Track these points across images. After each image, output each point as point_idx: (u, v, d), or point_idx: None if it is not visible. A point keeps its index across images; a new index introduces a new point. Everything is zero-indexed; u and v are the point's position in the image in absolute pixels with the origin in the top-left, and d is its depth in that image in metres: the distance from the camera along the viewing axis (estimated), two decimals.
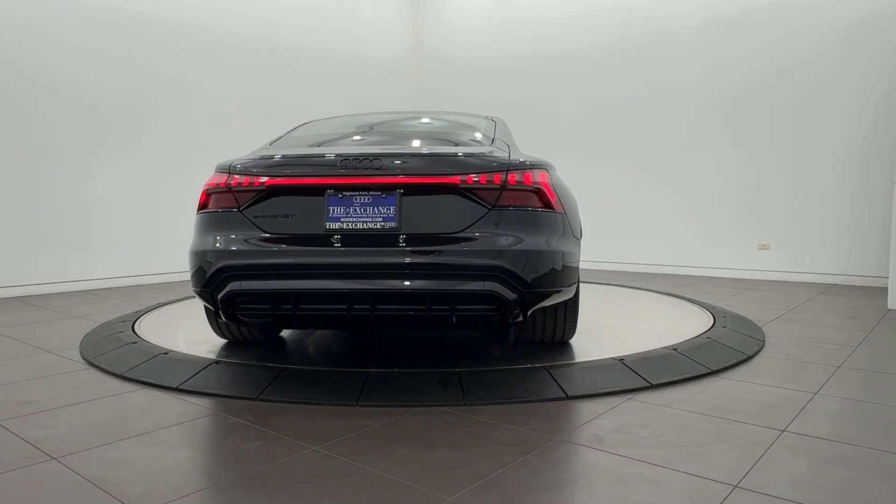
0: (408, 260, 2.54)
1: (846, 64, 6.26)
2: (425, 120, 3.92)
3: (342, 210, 2.61)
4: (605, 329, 3.75)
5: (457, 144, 3.06)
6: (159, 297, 5.22)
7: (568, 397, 2.59)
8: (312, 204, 2.65)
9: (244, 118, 7.01)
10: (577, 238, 2.99)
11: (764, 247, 6.78)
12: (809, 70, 6.45)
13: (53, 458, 2.00)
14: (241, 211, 2.72)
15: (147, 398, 2.64)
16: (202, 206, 2.87)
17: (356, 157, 2.65)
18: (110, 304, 5.04)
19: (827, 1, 6.34)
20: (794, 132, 6.57)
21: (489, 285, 2.52)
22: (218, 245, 2.70)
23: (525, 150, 4.71)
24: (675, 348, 3.17)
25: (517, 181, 2.64)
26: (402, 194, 2.61)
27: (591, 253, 7.81)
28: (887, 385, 2.83)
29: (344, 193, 2.63)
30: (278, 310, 2.65)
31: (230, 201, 2.76)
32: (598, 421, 2.33)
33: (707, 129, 7.11)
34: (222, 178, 2.81)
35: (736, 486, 1.79)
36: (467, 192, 2.61)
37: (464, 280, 2.53)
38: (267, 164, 2.78)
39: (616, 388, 2.67)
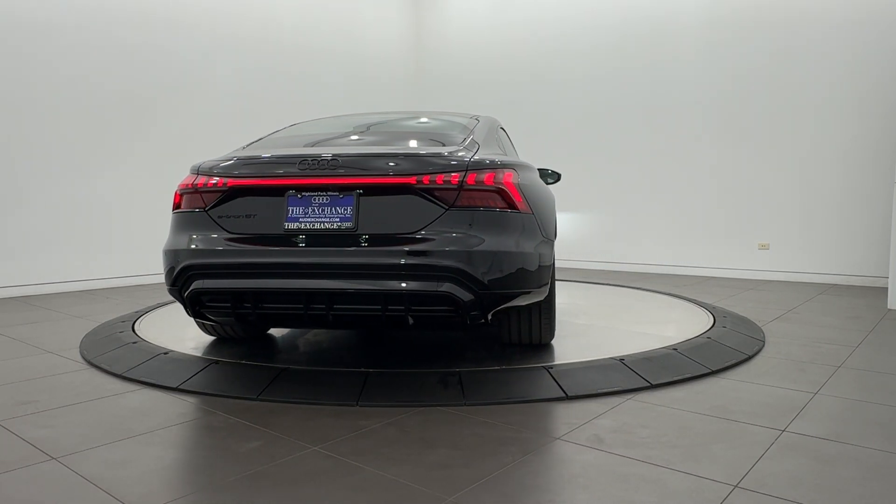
0: (362, 260, 2.54)
1: (846, 64, 6.26)
2: (407, 120, 3.85)
3: (301, 210, 2.64)
4: (605, 329, 3.75)
5: (426, 145, 3.00)
6: (159, 297, 5.22)
7: (568, 397, 2.59)
8: (273, 204, 2.69)
9: (244, 118, 7.02)
10: (549, 239, 2.94)
11: (764, 247, 6.78)
12: (809, 70, 6.46)
13: (53, 458, 2.00)
14: (206, 211, 2.78)
15: (147, 398, 2.64)
16: (176, 206, 2.93)
17: (315, 158, 2.66)
18: (110, 304, 5.04)
19: (827, 1, 6.34)
20: (794, 132, 6.57)
21: (444, 286, 2.50)
22: (185, 244, 2.77)
23: (523, 150, 4.71)
24: (675, 348, 3.17)
25: (476, 181, 2.60)
26: (361, 195, 2.62)
27: (591, 253, 7.81)
28: (887, 385, 2.83)
29: (303, 194, 2.66)
30: (240, 308, 2.70)
31: (198, 202, 2.82)
32: (598, 421, 2.33)
33: (707, 129, 7.11)
34: (192, 179, 2.88)
35: (736, 486, 1.79)
36: (424, 193, 2.58)
37: (418, 281, 2.51)
38: (231, 166, 2.82)
39: (616, 388, 2.67)
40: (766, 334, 3.84)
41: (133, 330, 3.71)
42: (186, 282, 2.75)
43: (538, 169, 4.63)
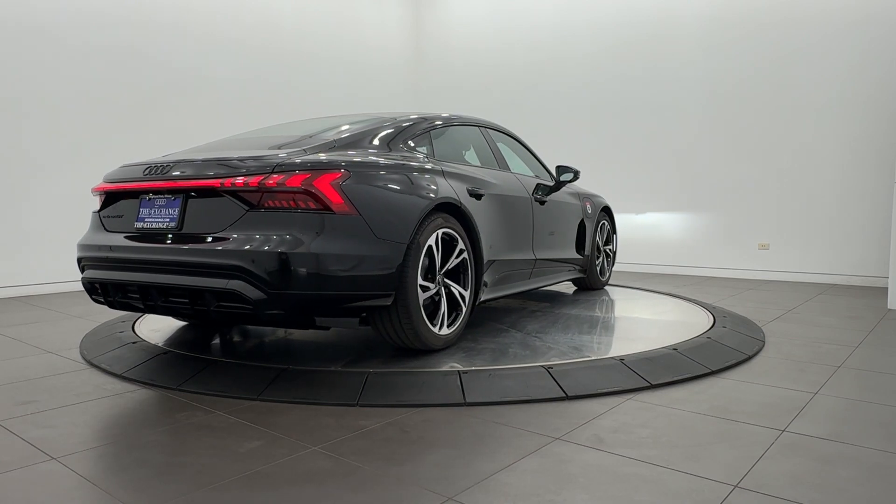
0: (174, 258, 2.74)
1: (846, 64, 6.27)
2: (318, 125, 3.65)
3: (147, 212, 2.95)
4: (605, 329, 3.75)
5: (284, 148, 3.01)
6: None
7: (568, 397, 2.59)
8: (131, 206, 3.04)
9: (243, 120, 7.02)
10: (394, 242, 2.82)
11: (764, 247, 6.78)
12: (810, 71, 6.46)
13: (53, 458, 2.00)
14: (98, 213, 3.22)
15: (147, 398, 2.64)
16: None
17: (155, 165, 2.98)
18: None
19: (827, 2, 6.34)
20: (794, 132, 6.58)
21: (232, 284, 2.58)
22: (82, 240, 3.22)
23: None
24: (675, 348, 3.17)
25: (279, 183, 2.63)
26: (191, 197, 2.82)
27: None
28: (887, 385, 2.84)
29: (150, 197, 2.96)
30: (108, 296, 3.06)
31: (97, 204, 3.28)
32: (598, 421, 2.33)
33: (707, 130, 7.12)
34: (97, 185, 3.30)
35: (736, 486, 1.79)
36: (229, 195, 2.70)
37: (213, 278, 2.63)
38: (113, 173, 3.21)
39: (616, 388, 2.67)
40: (766, 334, 3.84)
41: (133, 330, 3.71)
42: (81, 271, 3.20)
43: (558, 166, 4.61)
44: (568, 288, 5.48)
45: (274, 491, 1.77)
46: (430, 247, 3.02)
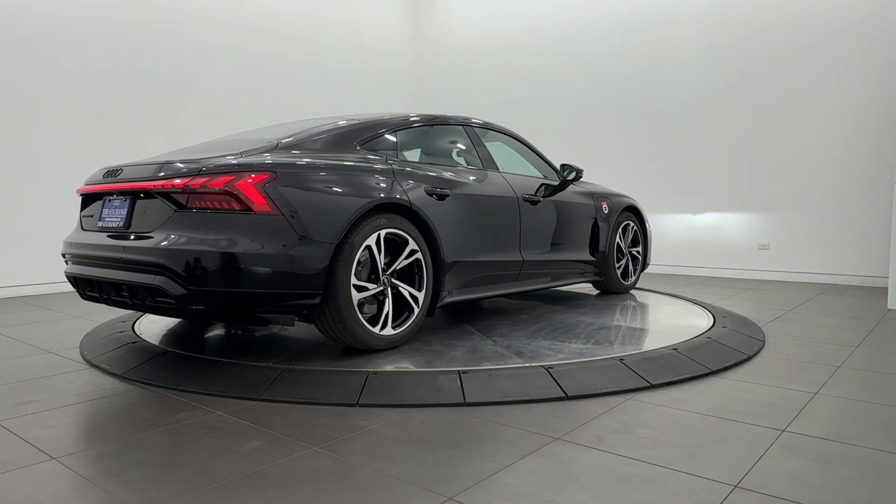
0: (118, 255, 2.91)
1: (846, 64, 6.27)
2: (299, 127, 3.58)
3: (107, 212, 3.14)
4: (605, 329, 3.75)
5: (238, 150, 3.06)
6: None
7: (568, 397, 2.59)
8: (98, 207, 3.24)
9: (244, 123, 7.03)
10: (312, 241, 2.81)
11: (764, 247, 6.78)
12: (809, 70, 6.46)
13: (53, 458, 2.00)
14: (80, 212, 3.42)
15: (147, 398, 2.64)
16: None
17: (113, 169, 3.16)
18: None
19: (827, 2, 6.34)
20: (794, 132, 6.58)
21: (157, 280, 2.73)
22: (66, 237, 3.41)
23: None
24: (675, 348, 3.17)
25: (202, 185, 2.73)
26: (138, 199, 2.97)
27: None
28: (887, 385, 2.84)
29: (110, 198, 3.15)
30: (80, 289, 3.25)
31: (80, 204, 3.46)
32: (598, 421, 2.33)
33: (707, 130, 7.12)
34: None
35: (736, 486, 1.79)
36: (161, 196, 2.84)
37: (144, 274, 2.78)
38: (90, 176, 3.37)
39: (616, 388, 2.67)
40: (766, 334, 3.84)
41: (133, 330, 3.71)
42: (65, 265, 3.38)
43: (562, 165, 4.56)
44: (591, 290, 5.34)
45: (274, 491, 1.77)
46: (372, 247, 3.03)
